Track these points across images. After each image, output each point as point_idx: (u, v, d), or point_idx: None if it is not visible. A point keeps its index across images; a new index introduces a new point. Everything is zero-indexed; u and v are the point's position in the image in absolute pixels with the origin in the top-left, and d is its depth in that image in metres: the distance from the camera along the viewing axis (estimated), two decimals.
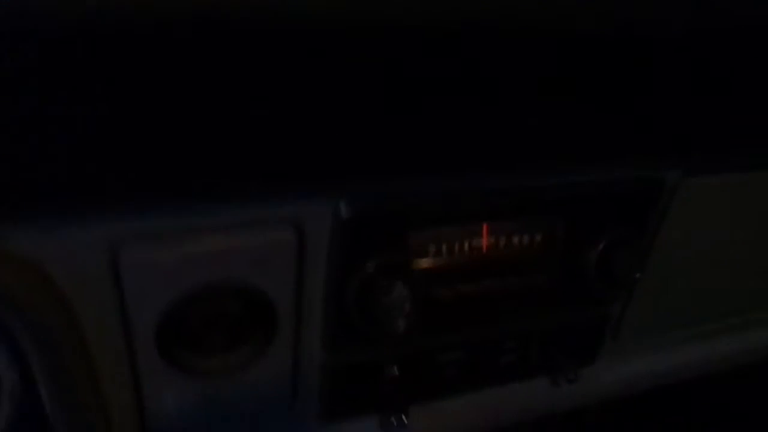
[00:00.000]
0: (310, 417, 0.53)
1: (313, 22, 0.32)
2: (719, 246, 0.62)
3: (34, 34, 0.27)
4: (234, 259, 0.42)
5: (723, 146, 0.54)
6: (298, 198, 0.42)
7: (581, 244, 0.54)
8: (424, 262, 0.49)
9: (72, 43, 0.28)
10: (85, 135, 0.32)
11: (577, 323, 0.59)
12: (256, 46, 0.32)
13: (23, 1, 0.26)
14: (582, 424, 0.66)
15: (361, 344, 0.49)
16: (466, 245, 0.51)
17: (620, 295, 0.59)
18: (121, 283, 0.40)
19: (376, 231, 0.45)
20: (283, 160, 0.38)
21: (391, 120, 0.38)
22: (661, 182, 0.53)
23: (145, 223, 0.39)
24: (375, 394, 0.52)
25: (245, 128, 0.35)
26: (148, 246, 0.39)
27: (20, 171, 0.31)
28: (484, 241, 0.52)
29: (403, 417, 0.52)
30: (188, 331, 0.44)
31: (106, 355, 0.43)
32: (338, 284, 0.45)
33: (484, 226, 0.51)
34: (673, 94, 0.46)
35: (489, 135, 0.42)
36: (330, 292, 0.46)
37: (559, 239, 0.54)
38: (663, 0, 0.40)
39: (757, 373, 0.79)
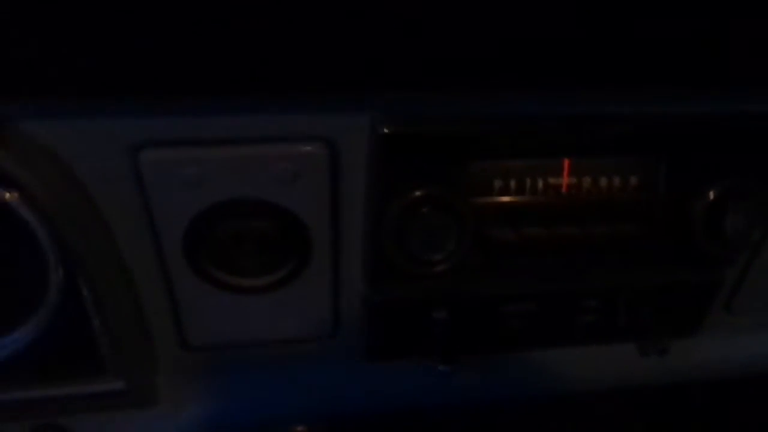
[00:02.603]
0: (355, 355, 0.50)
1: None
2: None
3: None
4: (260, 174, 0.38)
5: None
6: (331, 110, 0.37)
7: (687, 192, 0.44)
8: (485, 197, 0.43)
9: None
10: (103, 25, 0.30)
11: (676, 286, 0.50)
12: None
13: None
14: (669, 404, 0.57)
15: (403, 280, 0.44)
16: (541, 183, 0.44)
17: (734, 258, 0.49)
18: (144, 187, 0.38)
19: (421, 153, 0.39)
20: (309, 65, 0.33)
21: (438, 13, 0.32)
22: None
23: (168, 127, 0.37)
24: (422, 338, 0.47)
25: (271, 26, 0.31)
26: (169, 151, 0.37)
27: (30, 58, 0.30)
28: (564, 181, 0.44)
29: (450, 366, 0.46)
30: (222, 249, 0.42)
31: (139, 263, 0.42)
32: (376, 210, 0.40)
33: (566, 162, 0.44)
34: None
35: (574, 39, 0.34)
36: (367, 219, 0.41)
37: (660, 184, 0.45)
38: None
39: None
